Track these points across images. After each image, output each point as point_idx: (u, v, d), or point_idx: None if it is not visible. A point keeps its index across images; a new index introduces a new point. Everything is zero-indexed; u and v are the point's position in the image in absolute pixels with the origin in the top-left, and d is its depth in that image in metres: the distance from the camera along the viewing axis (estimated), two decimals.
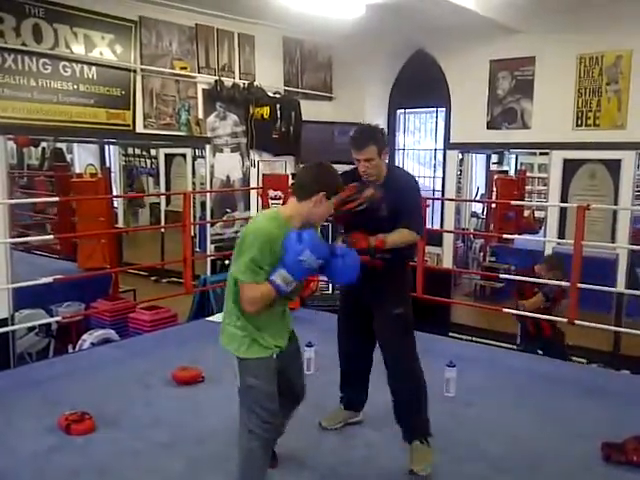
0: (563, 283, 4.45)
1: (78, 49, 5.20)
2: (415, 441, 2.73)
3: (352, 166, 2.86)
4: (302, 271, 2.13)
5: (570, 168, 6.20)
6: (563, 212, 6.18)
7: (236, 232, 6.73)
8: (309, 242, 2.10)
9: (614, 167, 5.93)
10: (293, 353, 2.49)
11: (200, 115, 6.30)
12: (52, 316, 4.94)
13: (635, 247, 5.65)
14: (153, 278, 7.89)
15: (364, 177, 2.76)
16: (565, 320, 4.30)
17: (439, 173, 7.76)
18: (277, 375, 2.30)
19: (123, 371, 3.87)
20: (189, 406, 3.36)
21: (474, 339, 6.11)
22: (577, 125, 6.07)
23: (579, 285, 4.17)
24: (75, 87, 5.20)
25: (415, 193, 2.85)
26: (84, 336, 4.82)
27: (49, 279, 4.18)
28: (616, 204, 5.91)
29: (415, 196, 2.85)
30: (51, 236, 6.50)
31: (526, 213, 8.85)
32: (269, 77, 6.87)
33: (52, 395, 3.44)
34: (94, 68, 5.34)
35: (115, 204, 8.78)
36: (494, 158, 9.34)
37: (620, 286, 5.71)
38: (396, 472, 2.71)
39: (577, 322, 4.23)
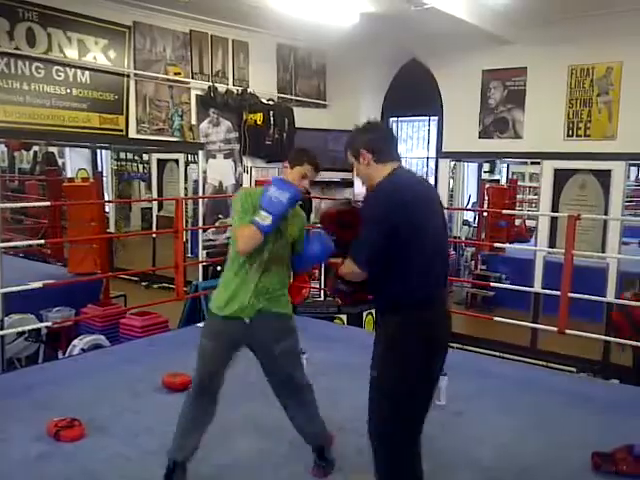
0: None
1: (72, 53, 5.19)
2: None
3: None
4: (272, 205, 2.38)
5: (561, 178, 6.25)
6: (554, 221, 6.23)
7: (228, 238, 6.73)
8: (274, 182, 2.45)
9: (604, 177, 5.98)
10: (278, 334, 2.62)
11: (193, 121, 6.30)
12: (42, 321, 4.91)
13: (624, 257, 5.70)
14: (144, 284, 7.86)
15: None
16: (555, 329, 4.32)
17: (431, 181, 7.79)
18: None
19: (113, 377, 3.85)
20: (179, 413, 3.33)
21: (465, 347, 6.12)
22: (568, 135, 6.13)
23: (569, 294, 4.19)
24: (68, 91, 5.20)
25: (367, 212, 2.16)
26: (74, 342, 4.78)
27: (39, 284, 4.16)
28: (606, 214, 5.96)
29: (368, 216, 2.14)
30: (42, 241, 6.46)
31: (517, 222, 8.92)
32: (263, 84, 6.89)
33: (41, 401, 3.41)
34: (87, 73, 5.34)
35: (107, 209, 8.75)
36: (486, 167, 9.41)
37: (610, 295, 5.75)
38: None
39: (567, 331, 4.25)
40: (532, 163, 7.62)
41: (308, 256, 2.64)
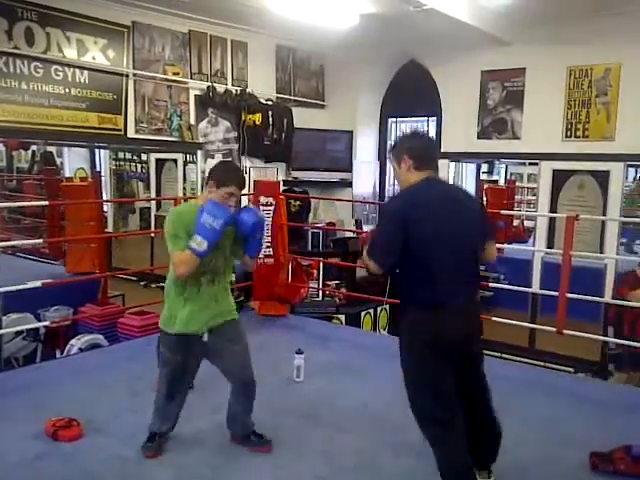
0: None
1: (70, 53, 5.19)
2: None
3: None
4: (206, 231, 2.51)
5: (559, 179, 6.26)
6: (552, 222, 6.24)
7: None
8: (206, 208, 2.54)
9: (603, 178, 5.99)
10: (232, 338, 2.78)
11: (192, 121, 6.30)
12: (40, 320, 4.90)
13: (623, 257, 5.70)
14: (142, 283, 7.84)
15: None
16: (554, 329, 4.32)
17: None
18: (211, 358, 2.78)
19: (111, 377, 3.84)
20: None
21: None
22: (566, 136, 6.14)
23: (568, 295, 4.19)
24: (67, 91, 5.19)
25: (381, 216, 2.72)
26: (72, 341, 4.77)
27: (37, 283, 4.15)
28: (604, 215, 5.96)
29: (380, 219, 2.61)
30: (40, 240, 6.45)
31: (516, 222, 8.92)
32: (261, 84, 6.90)
33: (39, 401, 3.40)
34: (86, 72, 5.33)
35: (105, 208, 8.73)
36: (484, 167, 9.40)
37: (608, 296, 5.75)
38: None
39: (565, 332, 4.25)
40: (530, 164, 7.63)
41: (246, 229, 2.68)
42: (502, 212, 7.62)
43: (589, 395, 3.83)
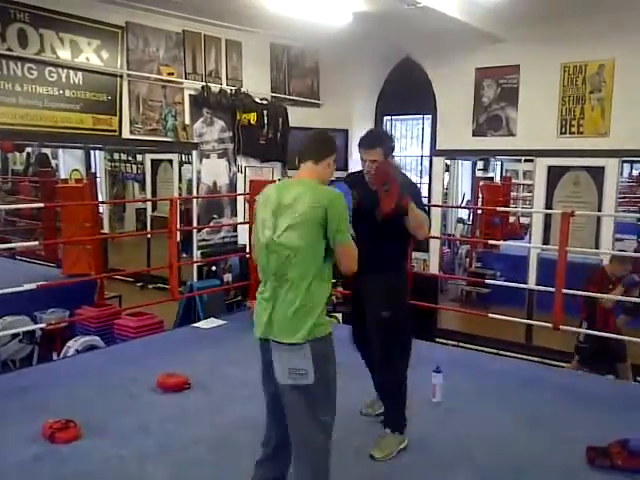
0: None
1: (64, 54, 5.18)
2: (387, 428, 2.93)
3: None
4: (349, 216, 2.28)
5: (554, 175, 6.27)
6: (548, 218, 6.25)
7: (223, 238, 6.72)
8: (344, 191, 2.32)
9: (598, 174, 6.01)
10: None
11: (187, 121, 6.29)
12: (36, 323, 4.89)
13: (618, 253, 5.72)
14: (139, 284, 7.84)
15: (367, 177, 2.86)
16: (550, 325, 4.33)
17: (425, 179, 7.82)
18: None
19: (108, 378, 3.84)
20: (175, 413, 3.33)
21: (460, 344, 6.14)
22: (561, 133, 6.15)
23: (564, 290, 4.21)
24: (61, 92, 5.18)
25: (419, 193, 3.09)
26: (69, 343, 4.77)
27: (32, 285, 4.14)
28: (600, 210, 5.98)
29: (420, 195, 3.08)
30: (36, 242, 6.44)
31: (511, 219, 8.94)
32: (256, 83, 6.89)
33: (36, 403, 3.40)
34: (80, 73, 5.32)
35: (100, 209, 8.72)
36: (480, 165, 9.42)
37: None
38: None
39: (562, 327, 4.27)
40: (526, 160, 7.65)
41: None
42: (498, 209, 7.69)
43: (586, 390, 3.83)
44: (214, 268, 6.39)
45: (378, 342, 2.89)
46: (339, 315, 6.20)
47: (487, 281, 6.43)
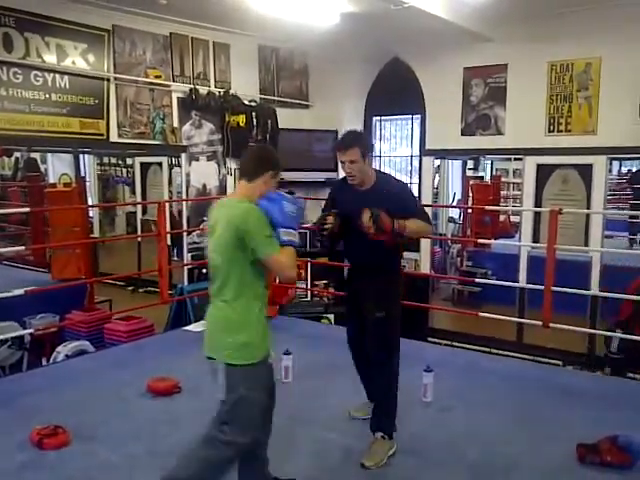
0: None
1: (50, 58, 5.15)
2: (377, 433, 2.88)
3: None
4: (292, 221, 2.25)
5: (543, 173, 6.30)
6: (537, 216, 6.27)
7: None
8: (285, 197, 2.26)
9: (586, 172, 6.04)
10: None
11: (175, 124, 6.27)
12: (25, 328, 4.85)
13: (607, 250, 5.75)
14: (130, 288, 7.81)
15: (349, 179, 2.87)
16: (540, 323, 4.34)
17: (415, 179, 7.83)
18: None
19: (98, 383, 3.81)
20: (165, 417, 3.32)
21: (452, 343, 6.15)
22: (549, 131, 6.17)
23: (553, 288, 4.22)
24: (47, 96, 5.15)
25: (412, 194, 3.12)
26: (58, 348, 4.73)
27: (21, 291, 4.11)
28: (588, 208, 6.01)
29: (413, 196, 3.15)
30: (23, 247, 6.39)
31: (502, 218, 8.96)
32: (245, 85, 6.88)
33: (26, 409, 3.37)
34: (67, 77, 5.29)
35: (90, 213, 8.67)
36: (470, 164, 9.43)
37: (594, 288, 5.80)
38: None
39: (552, 325, 4.28)
40: (515, 159, 7.67)
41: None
42: (487, 207, 7.71)
43: (577, 387, 3.85)
44: (204, 271, 6.36)
45: (374, 342, 2.89)
46: (331, 316, 6.20)
47: (478, 280, 6.44)
